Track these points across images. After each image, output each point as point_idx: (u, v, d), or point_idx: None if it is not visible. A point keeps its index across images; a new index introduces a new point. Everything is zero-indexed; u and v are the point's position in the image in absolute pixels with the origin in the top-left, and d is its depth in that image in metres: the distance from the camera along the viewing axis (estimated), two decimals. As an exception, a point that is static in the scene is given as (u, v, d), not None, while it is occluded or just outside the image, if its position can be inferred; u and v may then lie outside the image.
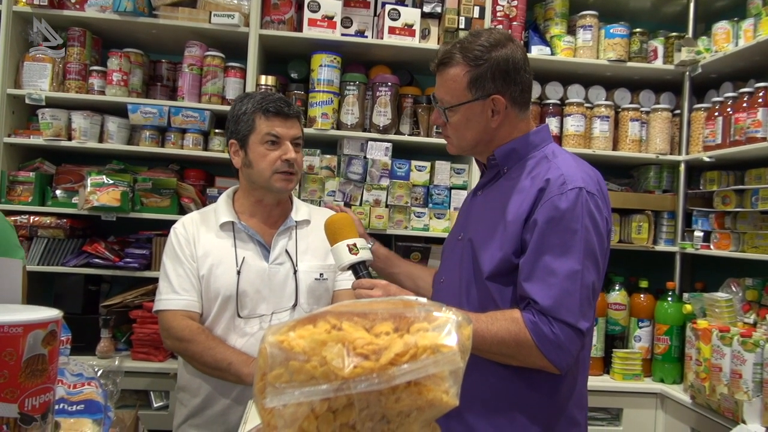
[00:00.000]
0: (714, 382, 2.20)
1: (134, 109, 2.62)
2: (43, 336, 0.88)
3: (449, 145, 1.61)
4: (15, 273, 1.31)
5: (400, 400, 0.55)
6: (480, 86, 1.47)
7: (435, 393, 0.55)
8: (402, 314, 0.60)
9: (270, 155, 1.78)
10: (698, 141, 2.80)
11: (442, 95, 1.53)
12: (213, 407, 1.78)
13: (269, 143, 1.78)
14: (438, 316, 0.59)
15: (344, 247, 1.50)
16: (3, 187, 2.59)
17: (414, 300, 0.68)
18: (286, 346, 0.56)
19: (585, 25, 2.89)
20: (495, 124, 1.51)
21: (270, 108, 1.79)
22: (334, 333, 0.57)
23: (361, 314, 0.60)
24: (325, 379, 0.54)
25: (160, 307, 1.80)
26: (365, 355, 0.55)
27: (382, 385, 0.53)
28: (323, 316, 0.60)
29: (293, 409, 0.55)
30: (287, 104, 1.83)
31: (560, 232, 1.37)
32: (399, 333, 0.58)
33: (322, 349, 0.56)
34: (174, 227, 1.87)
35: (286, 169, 1.79)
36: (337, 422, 0.55)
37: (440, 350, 0.55)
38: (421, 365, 0.54)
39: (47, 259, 2.61)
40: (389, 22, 2.73)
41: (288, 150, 1.78)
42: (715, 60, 2.72)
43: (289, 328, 0.59)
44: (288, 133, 1.80)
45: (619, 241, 2.90)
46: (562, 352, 1.35)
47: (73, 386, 1.25)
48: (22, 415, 0.86)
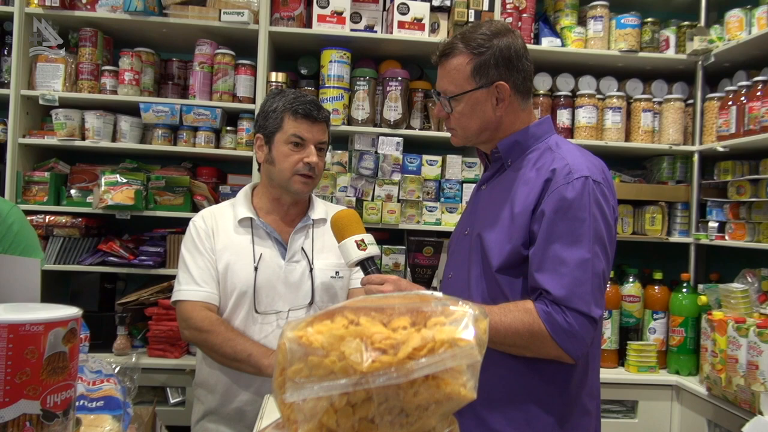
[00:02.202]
0: (730, 373, 2.19)
1: (146, 108, 2.64)
2: (64, 334, 0.89)
3: (454, 137, 1.60)
4: (34, 272, 1.33)
5: (419, 393, 0.55)
6: (484, 74, 1.48)
7: (453, 386, 0.56)
8: (419, 309, 0.60)
9: (293, 156, 1.79)
10: (712, 131, 2.77)
11: (445, 86, 1.53)
12: (231, 403, 1.79)
13: (294, 144, 1.79)
14: (455, 310, 0.59)
15: (352, 243, 1.50)
16: (19, 188, 2.61)
17: (430, 294, 0.68)
18: (305, 341, 0.57)
19: (596, 16, 2.87)
20: (500, 112, 1.51)
21: (299, 110, 1.79)
22: (352, 328, 0.57)
23: (378, 309, 0.60)
24: (344, 373, 0.55)
25: (179, 298, 1.80)
26: (383, 350, 0.56)
27: (401, 379, 0.54)
28: (341, 312, 0.60)
29: (313, 404, 0.55)
30: (317, 108, 1.83)
31: (568, 222, 1.37)
32: (416, 327, 0.58)
33: (340, 344, 0.56)
34: (193, 220, 1.89)
35: (306, 172, 1.80)
36: (356, 416, 0.56)
37: (458, 344, 0.55)
38: (438, 359, 0.54)
39: (63, 258, 2.64)
40: (398, 17, 2.72)
41: (311, 153, 1.79)
42: (728, 48, 2.70)
43: (307, 324, 0.60)
44: (314, 136, 1.81)
45: (633, 232, 2.88)
46: (576, 340, 1.35)
47: (93, 383, 1.26)
48: (45, 411, 0.87)
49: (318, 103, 1.86)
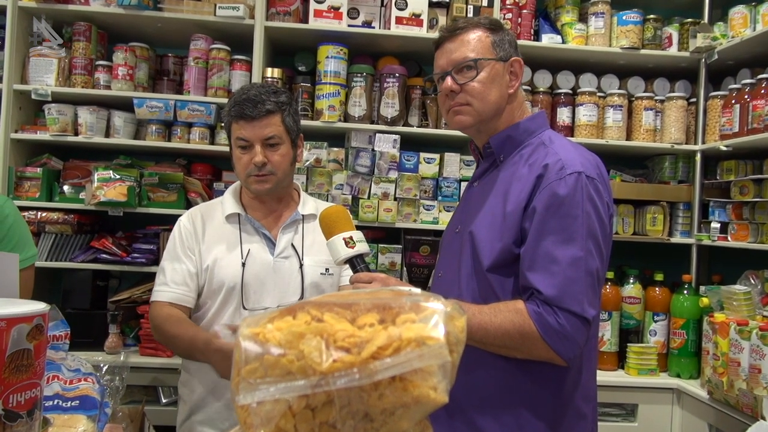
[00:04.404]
0: (732, 377, 2.15)
1: (140, 104, 2.60)
2: (28, 330, 0.85)
3: (463, 115, 1.49)
4: (12, 267, 1.29)
5: (384, 396, 0.51)
6: (501, 48, 1.50)
7: (422, 389, 0.51)
8: (388, 305, 0.56)
9: (242, 159, 1.77)
10: (715, 130, 2.72)
11: (465, 53, 1.47)
12: (214, 402, 1.76)
13: (240, 148, 1.77)
14: (426, 307, 0.55)
15: (340, 240, 1.46)
16: (11, 183, 2.58)
17: (407, 291, 0.64)
18: (261, 338, 0.53)
19: (597, 12, 2.82)
20: (512, 90, 1.51)
21: (233, 112, 1.76)
22: (314, 325, 0.53)
23: (344, 305, 0.56)
24: (302, 374, 0.50)
25: (152, 299, 1.81)
26: (346, 349, 0.51)
27: (363, 380, 0.50)
28: (304, 307, 0.56)
29: (270, 407, 0.51)
30: (253, 104, 1.73)
31: (560, 219, 1.33)
32: (384, 325, 0.54)
33: (299, 342, 0.52)
34: (180, 219, 1.87)
35: (257, 173, 1.76)
36: (317, 420, 0.52)
37: (426, 343, 0.51)
38: (404, 359, 0.50)
39: (55, 255, 2.61)
40: (396, 12, 2.68)
41: (256, 153, 1.74)
42: (731, 46, 2.65)
43: (268, 320, 0.56)
44: (255, 134, 1.74)
45: (634, 233, 2.83)
46: (568, 342, 1.30)
47: (70, 382, 1.22)
48: (7, 411, 0.84)
49: (256, 99, 1.73)
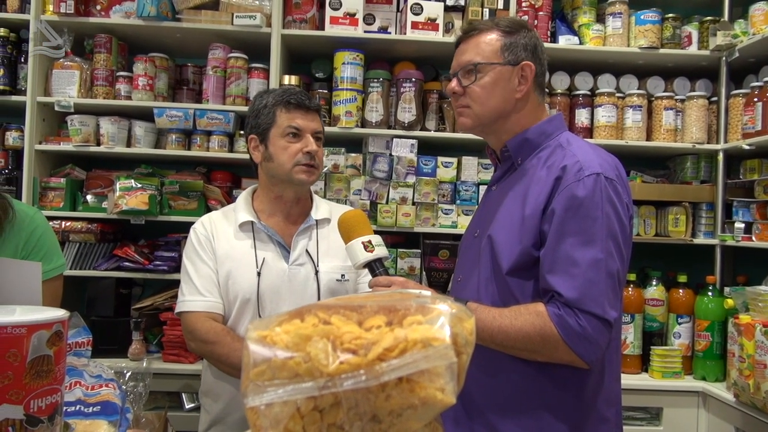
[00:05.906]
0: (758, 379, 2.10)
1: (160, 113, 2.64)
2: (48, 336, 0.87)
3: (465, 117, 1.53)
4: (35, 276, 1.32)
5: (391, 398, 0.51)
6: (512, 52, 1.48)
7: (428, 390, 0.51)
8: (395, 307, 0.56)
9: (291, 147, 1.75)
10: (737, 128, 2.68)
11: (470, 57, 1.49)
12: (236, 412, 1.75)
13: (290, 135, 1.76)
14: (432, 308, 0.55)
15: (359, 244, 1.46)
16: (36, 194, 2.64)
17: (416, 293, 0.64)
18: (269, 341, 0.53)
19: (614, 13, 2.80)
20: (519, 95, 1.48)
21: (291, 100, 1.77)
22: (321, 327, 0.54)
23: (352, 307, 0.57)
24: (310, 376, 0.51)
25: (183, 309, 1.77)
26: (353, 351, 0.52)
27: (370, 382, 0.50)
28: (311, 310, 0.57)
29: (278, 409, 0.52)
30: (308, 97, 1.82)
31: (580, 221, 1.32)
32: (391, 327, 0.54)
33: (306, 345, 0.52)
34: (194, 227, 1.85)
35: (307, 162, 1.76)
36: (324, 422, 0.52)
37: (431, 344, 0.51)
38: (410, 360, 0.50)
39: (79, 264, 2.65)
40: (412, 17, 2.69)
41: (309, 142, 1.76)
42: (753, 43, 2.61)
43: (276, 323, 0.56)
44: (309, 125, 1.78)
45: (656, 234, 2.80)
46: (590, 345, 1.29)
47: (91, 388, 1.24)
48: (28, 416, 0.85)
49: (308, 93, 1.85)
